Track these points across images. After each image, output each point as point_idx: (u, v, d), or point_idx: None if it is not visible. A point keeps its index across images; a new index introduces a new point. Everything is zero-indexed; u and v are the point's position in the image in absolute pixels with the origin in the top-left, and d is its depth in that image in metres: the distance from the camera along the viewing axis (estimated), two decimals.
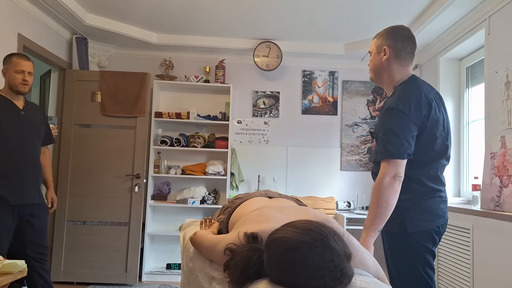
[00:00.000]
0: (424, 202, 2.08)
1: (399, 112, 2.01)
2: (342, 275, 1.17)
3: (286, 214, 1.59)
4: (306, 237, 1.19)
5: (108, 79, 4.72)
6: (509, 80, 3.17)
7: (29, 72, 3.17)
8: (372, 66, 2.26)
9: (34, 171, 3.27)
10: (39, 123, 3.35)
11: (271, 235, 1.28)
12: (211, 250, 1.66)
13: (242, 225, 1.59)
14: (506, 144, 3.13)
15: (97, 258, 4.57)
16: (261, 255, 1.29)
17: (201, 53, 5.32)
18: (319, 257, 1.16)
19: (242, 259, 1.31)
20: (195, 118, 5.00)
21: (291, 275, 1.18)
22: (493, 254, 3.02)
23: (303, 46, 5.11)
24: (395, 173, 1.96)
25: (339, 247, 1.20)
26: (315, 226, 1.24)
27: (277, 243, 1.24)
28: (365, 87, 5.41)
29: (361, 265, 1.47)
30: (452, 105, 4.46)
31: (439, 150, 2.11)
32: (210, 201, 5.00)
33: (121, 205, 4.64)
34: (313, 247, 1.17)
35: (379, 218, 1.95)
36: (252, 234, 1.40)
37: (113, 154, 4.67)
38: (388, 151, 1.99)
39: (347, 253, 1.22)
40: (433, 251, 2.09)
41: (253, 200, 2.04)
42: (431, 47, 4.68)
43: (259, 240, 1.38)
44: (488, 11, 3.51)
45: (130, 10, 4.29)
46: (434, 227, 2.08)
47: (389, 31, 2.22)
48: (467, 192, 4.17)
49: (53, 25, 4.36)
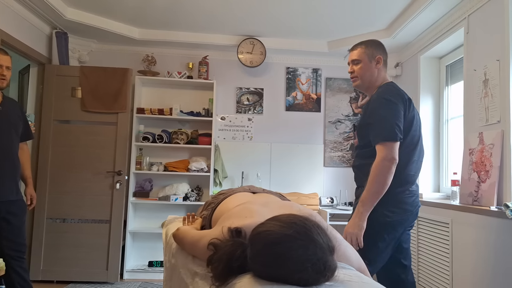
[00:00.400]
0: (395, 195, 2.29)
1: (389, 101, 2.28)
2: (326, 268, 1.18)
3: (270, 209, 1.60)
4: (289, 230, 1.20)
5: (88, 75, 4.66)
6: (487, 78, 3.23)
7: (7, 67, 3.13)
8: (362, 74, 2.48)
9: (12, 167, 3.22)
10: (17, 119, 3.30)
11: (255, 229, 1.28)
12: (194, 246, 1.66)
13: (226, 220, 1.59)
14: (484, 141, 3.19)
15: (77, 256, 4.51)
16: (244, 250, 1.29)
17: (184, 49, 5.29)
18: (302, 250, 1.17)
19: (226, 253, 1.31)
20: (178, 114, 4.97)
21: (275, 269, 1.19)
22: (471, 247, 3.09)
23: (287, 43, 5.12)
24: (391, 156, 2.18)
25: (323, 240, 1.21)
26: (299, 220, 1.24)
27: (261, 237, 1.24)
28: (347, 85, 5.45)
29: (344, 258, 1.49)
30: (432, 103, 4.52)
31: (413, 147, 2.35)
32: (193, 198, 4.98)
33: (102, 202, 4.59)
34: (297, 240, 1.18)
35: (376, 195, 2.19)
36: (236, 228, 1.40)
37: (93, 151, 4.62)
38: (382, 135, 2.22)
39: (331, 247, 1.23)
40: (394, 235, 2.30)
41: (236, 195, 2.04)
42: (411, 46, 4.74)
43: (242, 235, 1.38)
44: (467, 10, 3.57)
45: (113, 4, 4.24)
46: (400, 219, 2.29)
47: (375, 42, 2.52)
48: (446, 188, 4.24)
49: (33, 19, 4.29)
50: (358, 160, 2.43)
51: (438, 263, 3.54)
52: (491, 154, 3.07)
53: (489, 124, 3.18)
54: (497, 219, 2.80)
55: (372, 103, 2.36)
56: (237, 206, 1.74)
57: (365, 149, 2.41)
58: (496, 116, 3.09)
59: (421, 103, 4.51)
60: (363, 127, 2.41)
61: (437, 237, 3.58)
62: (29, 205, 3.49)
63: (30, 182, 3.55)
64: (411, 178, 2.35)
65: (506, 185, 2.91)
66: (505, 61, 3.02)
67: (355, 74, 2.53)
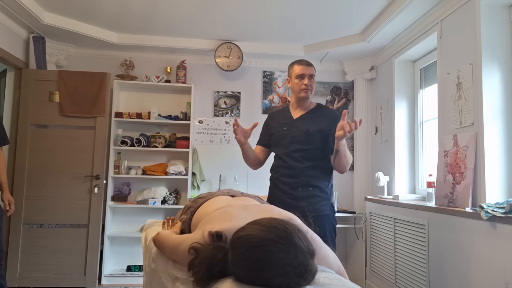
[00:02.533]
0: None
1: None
2: (306, 271, 1.20)
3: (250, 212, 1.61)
4: (270, 234, 1.21)
5: (66, 79, 4.61)
6: (460, 81, 3.31)
7: None
8: (313, 88, 2.86)
9: None
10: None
11: (236, 233, 1.29)
12: (175, 250, 1.65)
13: (206, 224, 1.59)
14: (458, 143, 3.27)
15: (54, 261, 4.45)
16: (225, 254, 1.29)
17: (162, 53, 5.28)
18: (283, 254, 1.17)
19: (207, 257, 1.31)
20: (156, 118, 4.95)
21: (256, 273, 1.19)
22: (447, 248, 3.15)
23: (264, 47, 5.16)
24: None
25: (303, 244, 1.22)
26: (279, 223, 1.25)
27: (242, 241, 1.24)
28: (323, 88, 5.51)
29: (324, 262, 1.51)
30: (407, 105, 4.61)
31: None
32: (171, 201, 4.97)
33: (80, 206, 4.54)
34: (278, 244, 1.19)
35: (348, 157, 2.65)
36: (217, 232, 1.41)
37: (71, 155, 4.57)
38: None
39: (311, 250, 1.24)
40: None
41: (215, 199, 2.04)
42: (386, 50, 4.82)
43: (223, 239, 1.38)
44: (440, 15, 3.66)
45: (90, 9, 4.20)
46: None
47: None
48: (422, 189, 4.32)
49: (9, 23, 4.22)
50: (309, 162, 2.75)
51: (415, 264, 3.59)
52: (465, 156, 3.15)
53: (463, 126, 3.26)
54: (473, 220, 2.85)
55: (334, 118, 2.78)
56: (217, 210, 1.75)
57: (315, 152, 2.77)
58: (469, 119, 3.17)
59: (396, 105, 4.59)
60: (318, 134, 2.77)
61: (413, 238, 3.63)
62: (7, 211, 3.45)
63: (6, 187, 3.52)
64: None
65: (481, 186, 2.99)
66: (477, 65, 3.10)
67: (310, 87, 2.83)
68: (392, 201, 4.04)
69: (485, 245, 2.74)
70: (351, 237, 5.24)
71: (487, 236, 2.71)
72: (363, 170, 5.29)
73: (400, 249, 3.87)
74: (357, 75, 5.40)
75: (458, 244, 3.02)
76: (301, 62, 2.84)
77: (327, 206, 2.75)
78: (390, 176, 4.59)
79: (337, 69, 5.57)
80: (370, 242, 4.61)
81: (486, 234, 2.72)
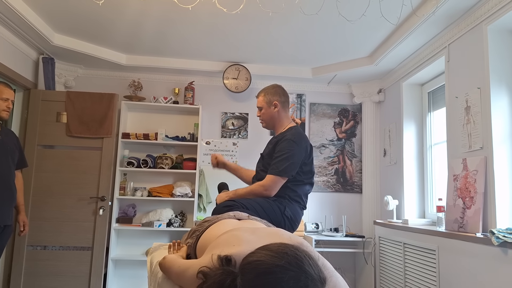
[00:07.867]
0: (298, 212, 2.80)
1: (295, 143, 2.69)
2: None
3: (258, 236, 1.58)
4: (281, 261, 1.18)
5: (74, 100, 4.64)
6: (468, 105, 3.29)
7: (12, 100, 3.35)
8: (265, 118, 2.89)
9: (9, 193, 3.33)
10: (13, 147, 3.44)
11: (246, 258, 1.26)
12: (182, 275, 1.62)
13: (214, 248, 1.56)
14: (467, 167, 3.23)
15: (57, 284, 4.40)
16: (235, 279, 1.26)
17: (170, 74, 5.32)
18: (294, 282, 1.15)
19: (215, 282, 1.28)
20: (163, 139, 4.95)
21: None
22: (458, 274, 3.08)
23: (272, 69, 5.18)
24: (271, 190, 2.65)
25: (314, 271, 1.20)
26: (290, 249, 1.23)
27: (252, 266, 1.22)
28: (331, 110, 5.51)
29: None
30: (415, 128, 4.59)
31: (310, 178, 2.92)
32: (177, 224, 4.92)
33: (85, 228, 4.51)
34: (288, 271, 1.16)
35: (239, 197, 2.64)
36: (226, 257, 1.37)
37: (77, 176, 4.56)
38: (278, 169, 2.63)
39: (322, 278, 1.21)
40: None
41: (222, 222, 2.01)
42: (394, 73, 4.82)
43: (232, 263, 1.36)
44: (447, 40, 3.66)
45: (101, 31, 4.25)
46: None
47: (273, 89, 2.92)
48: (432, 214, 4.26)
49: (20, 44, 4.27)
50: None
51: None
52: (475, 180, 3.11)
53: (472, 150, 3.22)
54: (483, 246, 2.80)
55: (283, 141, 2.72)
56: (224, 233, 1.72)
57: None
58: (478, 143, 3.14)
59: (404, 128, 4.57)
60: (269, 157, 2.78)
61: (424, 263, 3.57)
62: (21, 232, 3.59)
63: (22, 209, 3.63)
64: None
65: (491, 211, 2.94)
66: (485, 89, 3.09)
67: (260, 119, 2.92)
68: (402, 226, 3.98)
69: (497, 271, 2.67)
70: (360, 262, 5.15)
71: (499, 262, 2.66)
72: (372, 193, 5.23)
73: (410, 275, 3.80)
74: (365, 98, 5.39)
75: (469, 270, 2.96)
76: (256, 96, 2.96)
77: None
78: (399, 200, 4.54)
79: (345, 92, 5.58)
80: (380, 267, 4.53)
81: (498, 260, 2.67)
